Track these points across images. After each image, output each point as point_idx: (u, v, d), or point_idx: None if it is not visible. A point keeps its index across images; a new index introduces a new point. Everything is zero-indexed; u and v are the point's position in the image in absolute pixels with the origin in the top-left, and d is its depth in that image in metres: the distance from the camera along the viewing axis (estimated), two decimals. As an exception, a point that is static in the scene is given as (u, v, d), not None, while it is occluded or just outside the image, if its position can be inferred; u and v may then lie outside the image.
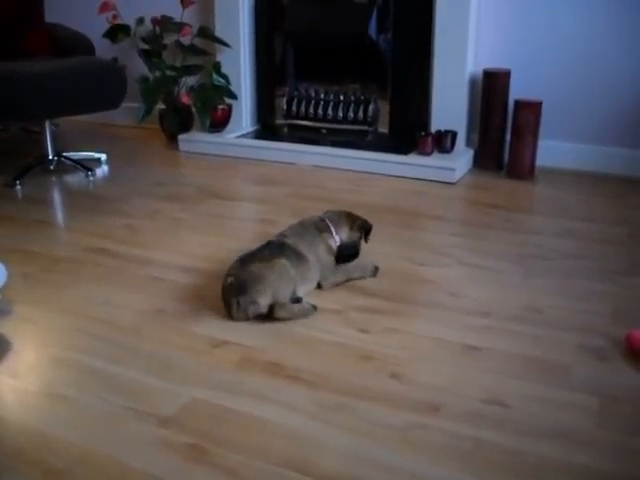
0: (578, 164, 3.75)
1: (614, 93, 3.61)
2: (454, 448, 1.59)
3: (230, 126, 4.32)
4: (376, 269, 2.50)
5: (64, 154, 3.91)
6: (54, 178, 3.77)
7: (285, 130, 4.30)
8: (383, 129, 4.06)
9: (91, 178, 3.73)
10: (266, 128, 4.42)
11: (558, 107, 3.72)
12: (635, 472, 1.52)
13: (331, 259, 2.42)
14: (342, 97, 4.14)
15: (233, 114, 4.31)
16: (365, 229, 2.51)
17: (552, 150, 3.77)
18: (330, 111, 4.16)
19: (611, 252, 2.69)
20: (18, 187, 3.57)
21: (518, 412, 1.71)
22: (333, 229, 2.44)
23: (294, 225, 2.46)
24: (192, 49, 4.35)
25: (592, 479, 1.50)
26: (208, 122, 4.18)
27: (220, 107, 4.23)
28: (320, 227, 2.44)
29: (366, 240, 2.52)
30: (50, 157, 3.86)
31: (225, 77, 4.26)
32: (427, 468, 1.52)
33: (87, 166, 3.80)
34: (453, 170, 3.57)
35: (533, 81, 3.73)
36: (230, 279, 2.18)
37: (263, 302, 2.13)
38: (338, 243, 2.44)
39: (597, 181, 3.60)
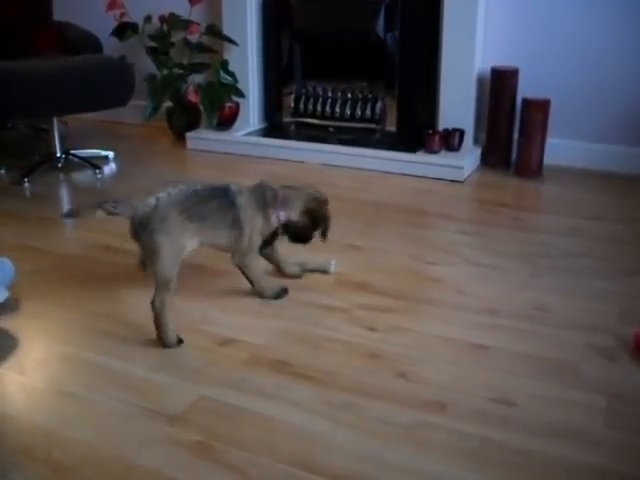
0: (586, 163, 3.74)
1: (622, 91, 3.60)
2: (461, 447, 1.59)
3: (237, 124, 4.32)
4: (283, 291, 2.33)
5: (72, 152, 3.92)
6: (62, 176, 3.78)
7: (293, 128, 4.30)
8: (391, 127, 4.06)
9: (99, 176, 3.74)
10: (274, 126, 4.41)
11: (566, 105, 3.71)
12: (642, 471, 1.52)
13: (256, 240, 2.23)
14: (350, 95, 4.14)
15: (241, 112, 4.31)
16: (315, 220, 2.29)
17: (560, 148, 3.76)
18: (338, 109, 4.15)
19: (618, 251, 2.68)
20: (26, 184, 3.58)
21: (525, 411, 1.71)
22: (281, 206, 2.25)
23: (250, 188, 2.26)
24: (200, 47, 4.35)
25: (599, 478, 1.50)
26: (215, 120, 4.18)
27: (228, 105, 4.23)
28: (269, 201, 2.23)
29: (323, 235, 2.32)
30: (58, 155, 3.87)
31: (233, 75, 4.26)
32: (434, 466, 1.53)
33: (95, 164, 3.81)
34: (461, 168, 3.57)
35: (541, 79, 3.72)
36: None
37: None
38: (282, 220, 2.26)
39: (605, 180, 3.59)
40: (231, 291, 2.37)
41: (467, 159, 3.65)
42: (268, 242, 2.33)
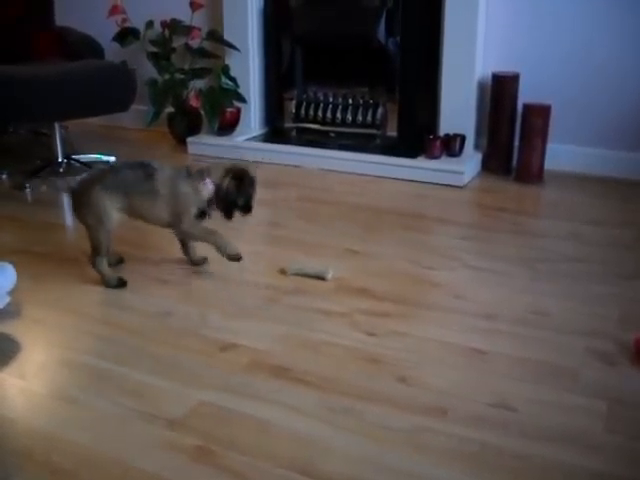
0: (586, 168, 3.74)
1: (623, 97, 3.60)
2: (460, 451, 1.59)
3: (239, 129, 4.32)
4: (236, 256, 2.45)
5: (73, 156, 3.93)
6: (63, 180, 3.78)
7: (294, 133, 4.31)
8: (391, 132, 4.06)
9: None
10: (275, 131, 4.42)
11: (567, 111, 3.71)
12: (641, 476, 1.52)
13: (189, 210, 2.41)
14: (350, 100, 4.14)
15: (242, 117, 4.32)
16: (238, 175, 2.43)
17: (561, 154, 3.76)
18: (339, 114, 4.16)
19: (618, 255, 2.69)
20: (28, 189, 3.58)
21: (524, 415, 1.71)
22: (205, 175, 2.43)
23: (170, 166, 2.47)
24: (201, 52, 4.36)
25: (598, 483, 1.50)
26: (217, 125, 4.19)
27: (229, 110, 4.24)
28: (194, 175, 2.43)
29: (248, 191, 2.45)
30: (59, 160, 3.87)
31: (234, 80, 4.27)
32: (433, 471, 1.53)
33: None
34: (461, 174, 3.57)
35: (542, 84, 3.73)
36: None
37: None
38: (209, 188, 2.42)
39: (605, 185, 3.59)
40: (230, 296, 2.38)
41: (468, 164, 3.66)
42: (202, 214, 2.47)
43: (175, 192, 2.39)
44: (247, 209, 2.48)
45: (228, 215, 2.48)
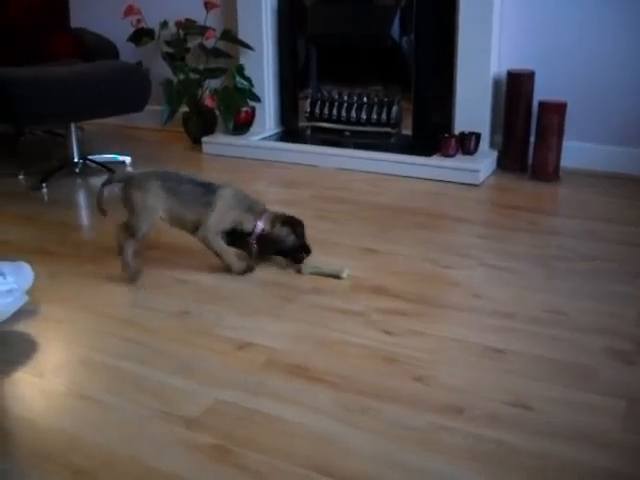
0: (603, 165, 3.72)
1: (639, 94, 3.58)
2: (476, 450, 1.59)
3: (253, 128, 4.34)
4: (248, 268, 2.54)
5: (89, 157, 3.95)
6: (79, 180, 3.81)
7: (308, 132, 4.32)
8: (406, 131, 4.06)
9: (116, 181, 3.76)
10: (289, 130, 4.43)
11: (583, 108, 3.69)
12: (660, 475, 1.51)
13: (224, 224, 2.49)
14: (365, 99, 4.14)
15: (256, 116, 4.33)
16: (290, 223, 2.53)
17: (577, 151, 3.75)
18: (353, 113, 4.16)
19: (634, 254, 2.67)
20: (44, 189, 3.61)
21: (542, 415, 1.71)
22: (261, 217, 2.52)
23: (239, 190, 2.57)
24: (215, 52, 4.37)
25: (616, 482, 1.50)
26: (231, 124, 4.20)
27: (243, 109, 4.25)
28: (252, 207, 2.53)
29: (300, 236, 2.54)
30: (75, 160, 3.90)
31: (248, 80, 4.28)
32: (449, 470, 1.53)
33: (112, 169, 3.83)
34: (477, 172, 3.57)
35: (557, 82, 3.71)
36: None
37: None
38: (258, 229, 2.51)
39: (621, 182, 3.57)
40: (247, 295, 2.38)
41: (483, 162, 3.65)
42: (234, 238, 2.56)
43: (224, 211, 2.48)
44: (306, 251, 2.55)
45: (297, 259, 2.57)
